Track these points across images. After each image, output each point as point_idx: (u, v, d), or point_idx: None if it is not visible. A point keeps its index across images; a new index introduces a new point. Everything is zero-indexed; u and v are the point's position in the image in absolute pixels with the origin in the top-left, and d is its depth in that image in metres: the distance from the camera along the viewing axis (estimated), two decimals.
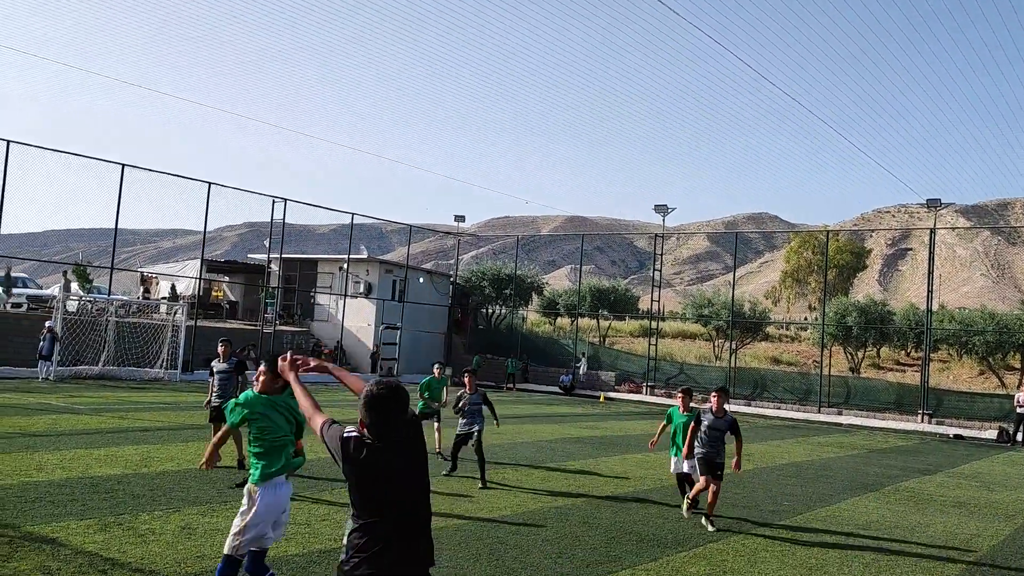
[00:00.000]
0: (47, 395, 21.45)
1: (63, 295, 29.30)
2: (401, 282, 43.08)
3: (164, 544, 7.96)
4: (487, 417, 14.01)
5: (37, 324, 27.89)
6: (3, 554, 7.20)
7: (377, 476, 3.51)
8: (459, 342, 46.65)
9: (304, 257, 47.37)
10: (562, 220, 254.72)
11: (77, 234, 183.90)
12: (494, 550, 8.66)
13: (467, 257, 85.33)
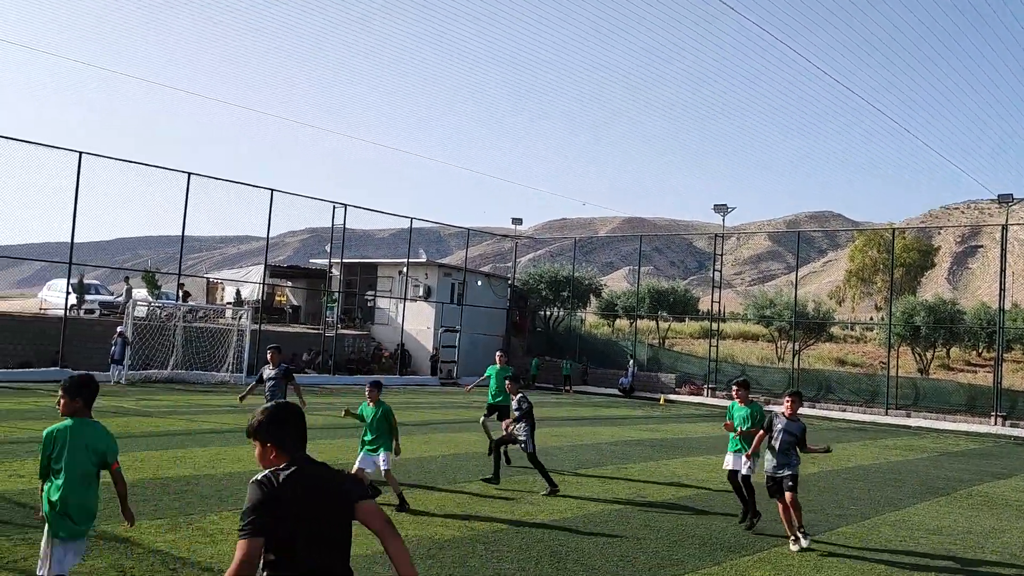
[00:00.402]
0: (119, 398, 22.11)
1: (131, 300, 30.17)
2: (460, 285, 43.33)
3: (232, 544, 8.13)
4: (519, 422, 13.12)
5: (109, 329, 28.78)
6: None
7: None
8: (518, 344, 46.72)
9: (364, 261, 47.97)
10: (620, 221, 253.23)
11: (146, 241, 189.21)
12: (555, 553, 8.66)
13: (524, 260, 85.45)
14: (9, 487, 9.99)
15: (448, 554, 8.30)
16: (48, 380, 25.52)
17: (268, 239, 36.72)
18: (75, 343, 28.62)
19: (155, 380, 28.25)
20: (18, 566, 6.98)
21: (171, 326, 30.27)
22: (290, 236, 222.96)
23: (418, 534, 9.04)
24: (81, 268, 34.97)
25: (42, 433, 5.47)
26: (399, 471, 12.88)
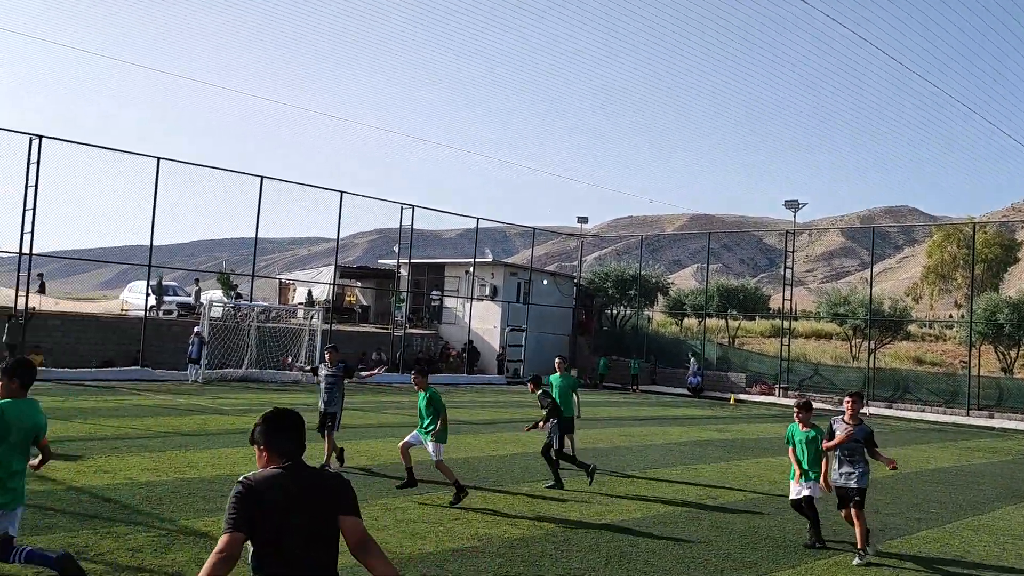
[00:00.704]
0: (196, 397, 22.77)
1: (208, 302, 31.03)
2: (525, 284, 43.39)
3: None
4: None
5: (186, 329, 29.66)
6: (162, 546, 7.69)
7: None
8: (584, 343, 46.57)
9: (431, 261, 48.42)
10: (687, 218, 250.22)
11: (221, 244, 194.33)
12: (624, 554, 8.60)
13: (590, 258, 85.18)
14: (95, 482, 10.37)
15: (518, 553, 8.32)
16: (130, 379, 26.42)
17: (338, 240, 37.36)
18: (154, 343, 29.57)
19: (230, 379, 28.98)
20: (104, 558, 7.23)
21: (245, 326, 31.02)
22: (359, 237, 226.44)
23: (488, 532, 9.09)
24: (160, 270, 36.09)
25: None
26: (466, 467, 12.97)
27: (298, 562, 3.37)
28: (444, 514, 9.88)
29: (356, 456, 13.85)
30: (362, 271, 50.93)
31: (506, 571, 7.68)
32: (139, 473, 11.12)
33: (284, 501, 3.36)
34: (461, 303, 42.01)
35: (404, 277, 41.87)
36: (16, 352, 25.41)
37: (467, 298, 41.24)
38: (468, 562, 7.88)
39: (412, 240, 39.28)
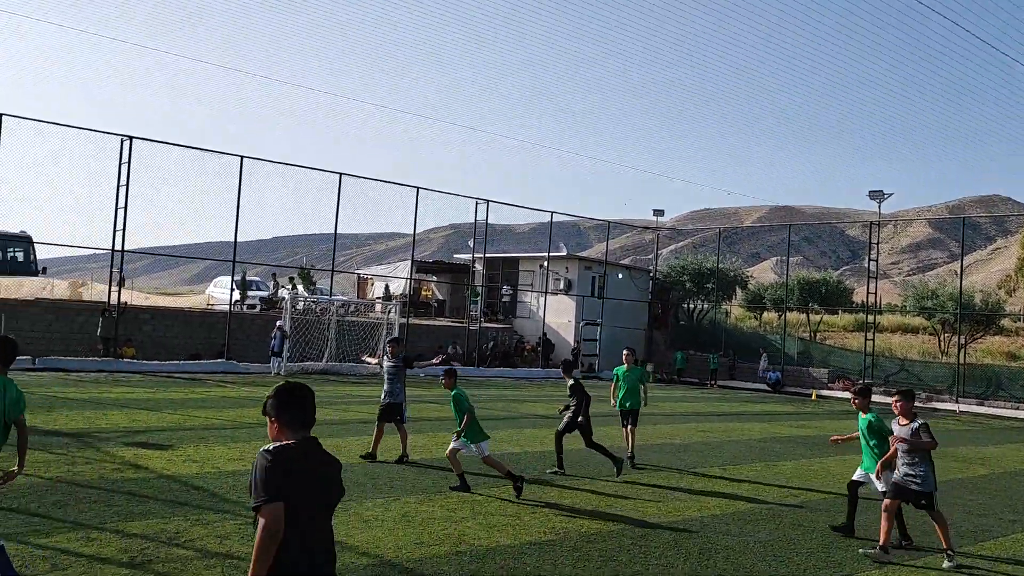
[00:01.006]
0: None
1: (289, 296, 31.78)
2: (600, 278, 43.18)
3: (386, 530, 8.44)
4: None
5: (269, 323, 30.45)
6: (248, 534, 7.90)
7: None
8: (660, 338, 46.12)
9: (506, 256, 48.58)
10: (766, 210, 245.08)
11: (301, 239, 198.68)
12: (704, 551, 8.50)
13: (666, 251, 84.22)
14: (185, 471, 10.73)
15: (595, 548, 8.29)
16: (215, 372, 27.25)
17: (415, 235, 37.79)
18: (238, 336, 30.44)
19: (311, 372, 29.62)
20: (195, 544, 7.47)
21: (325, 320, 31.67)
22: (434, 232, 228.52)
23: (565, 527, 9.08)
24: (243, 266, 37.09)
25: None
26: (543, 460, 12.99)
27: (309, 530, 3.52)
28: (521, 507, 9.91)
29: (436, 449, 14.01)
30: (437, 266, 51.43)
31: (583, 565, 7.67)
32: (225, 463, 11.47)
33: (302, 473, 3.53)
34: (535, 297, 42.04)
35: (479, 272, 42.11)
36: (110, 344, 26.51)
37: (541, 292, 41.26)
38: (545, 555, 7.89)
39: (486, 235, 39.47)
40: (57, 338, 26.84)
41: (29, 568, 6.49)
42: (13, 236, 32.11)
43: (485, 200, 38.45)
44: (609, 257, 46.37)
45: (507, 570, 7.35)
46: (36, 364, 24.36)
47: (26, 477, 9.67)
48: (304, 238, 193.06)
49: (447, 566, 7.33)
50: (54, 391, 18.74)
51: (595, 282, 43.12)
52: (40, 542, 7.18)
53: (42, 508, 8.33)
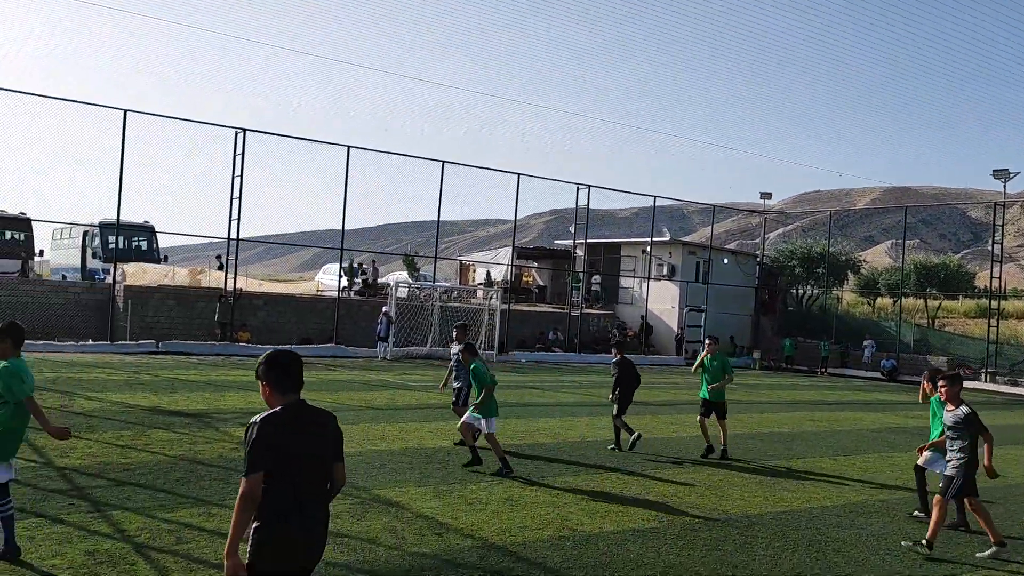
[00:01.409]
0: (385, 373, 23.91)
1: (395, 283, 32.49)
2: (705, 263, 42.41)
3: (490, 513, 8.55)
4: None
5: (375, 309, 31.19)
6: (358, 513, 8.16)
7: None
8: (767, 324, 45.00)
9: (607, 241, 48.27)
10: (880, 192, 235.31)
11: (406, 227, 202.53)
12: (813, 542, 8.28)
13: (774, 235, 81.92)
14: None
15: (699, 537, 8.19)
16: (325, 356, 28.12)
17: (515, 221, 37.96)
18: (346, 321, 31.31)
19: (415, 356, 30.21)
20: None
21: (429, 306, 32.22)
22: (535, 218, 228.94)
23: (669, 515, 9.00)
24: (351, 253, 38.07)
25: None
26: (646, 447, 12.90)
27: (299, 482, 3.89)
28: (625, 495, 9.87)
29: (536, 434, 14.10)
30: (538, 252, 51.54)
31: (687, 554, 7.59)
32: None
33: (288, 435, 3.90)
34: (638, 283, 41.64)
35: (580, 257, 41.98)
36: (227, 329, 27.69)
37: (644, 278, 40.83)
38: (648, 543, 7.84)
39: (588, 220, 39.28)
40: (178, 323, 28.21)
41: (156, 541, 6.87)
42: (137, 226, 33.89)
43: (587, 185, 38.29)
44: (714, 242, 45.50)
45: (610, 556, 7.34)
46: (159, 347, 25.69)
47: (151, 455, 10.24)
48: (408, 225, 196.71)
49: (550, 551, 7.38)
50: (176, 373, 19.72)
51: (699, 267, 42.39)
52: (165, 516, 7.58)
53: (167, 484, 8.79)
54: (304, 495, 3.91)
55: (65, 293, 27.98)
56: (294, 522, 3.84)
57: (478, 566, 6.84)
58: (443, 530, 7.79)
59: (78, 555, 6.33)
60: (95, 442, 10.78)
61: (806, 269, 45.50)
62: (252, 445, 3.81)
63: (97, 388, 16.14)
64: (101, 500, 7.98)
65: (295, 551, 3.85)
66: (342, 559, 6.74)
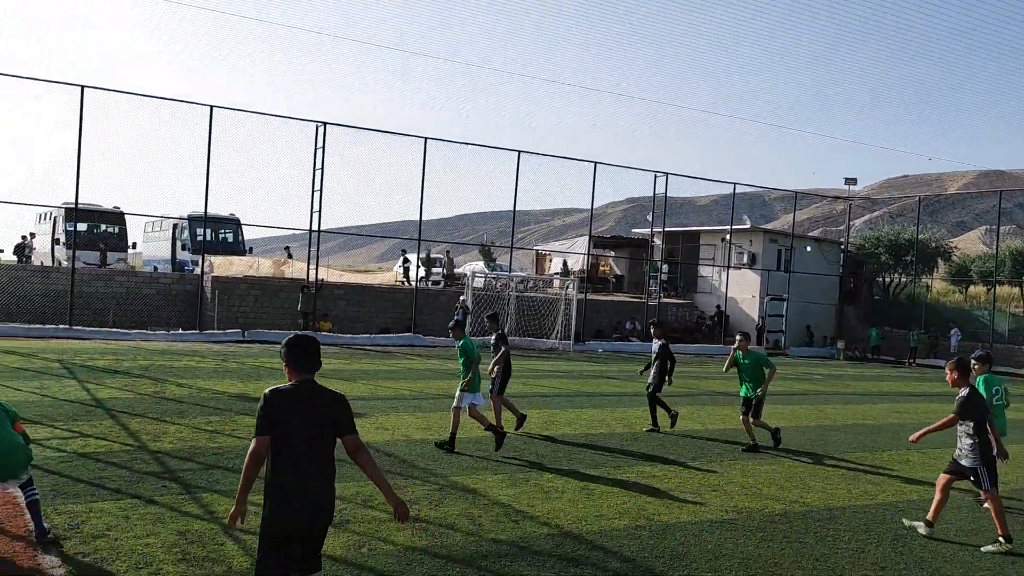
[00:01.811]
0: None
1: (471, 272, 32.76)
2: (787, 251, 41.48)
3: (567, 501, 8.58)
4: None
5: (452, 299, 31.50)
6: (436, 499, 8.29)
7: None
8: (852, 313, 43.78)
9: (686, 229, 47.64)
10: (973, 175, 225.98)
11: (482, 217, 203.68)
12: (898, 536, 8.06)
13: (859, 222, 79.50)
14: (377, 438, 11.36)
15: (779, 529, 8.06)
16: (403, 345, 28.55)
17: (592, 210, 37.81)
18: (424, 311, 31.72)
19: (491, 346, 30.38)
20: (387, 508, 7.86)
21: (505, 296, 32.37)
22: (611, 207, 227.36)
23: (747, 507, 8.88)
24: (428, 244, 38.51)
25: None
26: (728, 436, 12.72)
27: (300, 452, 4.39)
28: (703, 486, 9.78)
29: (613, 424, 14.07)
30: (615, 240, 51.21)
31: (766, 546, 7.47)
32: (413, 431, 12.03)
33: (292, 408, 4.42)
34: (717, 272, 41.00)
35: (658, 246, 41.56)
36: (309, 319, 28.35)
37: (723, 267, 40.18)
38: (726, 534, 7.75)
39: (665, 208, 38.84)
40: (263, 313, 29.03)
41: (249, 524, 7.10)
42: (224, 219, 34.97)
43: (664, 173, 37.82)
44: (797, 229, 44.45)
45: (687, 547, 7.28)
46: (245, 336, 26.49)
47: (238, 440, 10.58)
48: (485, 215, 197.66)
49: (626, 540, 7.36)
50: (260, 361, 20.31)
51: (781, 255, 41.47)
52: (251, 499, 7.80)
53: None
54: (306, 464, 4.40)
55: (156, 284, 29.08)
56: (294, 487, 4.37)
57: (554, 553, 6.87)
58: (519, 517, 7.86)
59: (170, 535, 6.61)
60: (185, 427, 11.20)
61: (893, 256, 44.10)
62: (260, 412, 4.38)
63: (187, 375, 16.74)
64: (191, 483, 8.30)
65: (296, 513, 4.38)
66: (420, 544, 6.86)
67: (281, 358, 4.59)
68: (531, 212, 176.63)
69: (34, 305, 25.96)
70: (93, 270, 28.54)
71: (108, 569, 5.86)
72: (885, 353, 38.76)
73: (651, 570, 6.66)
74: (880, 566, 7.14)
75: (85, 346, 21.44)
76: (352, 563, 6.31)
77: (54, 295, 26.38)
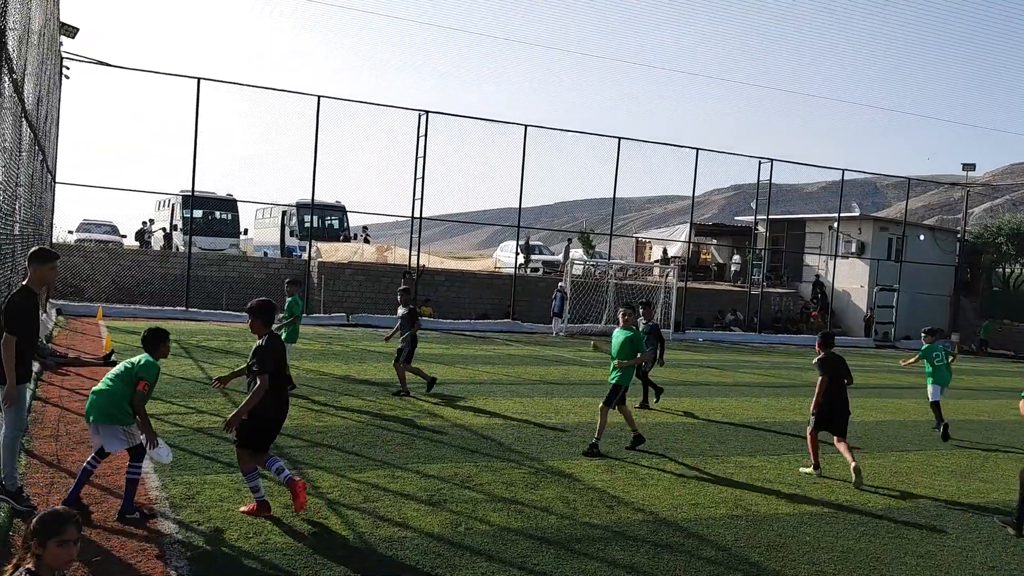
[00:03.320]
0: (559, 348, 24.24)
1: (570, 260, 32.75)
2: (898, 240, 39.87)
3: (662, 489, 8.57)
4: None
5: (551, 286, 31.62)
6: (532, 482, 8.41)
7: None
8: (968, 306, 41.78)
9: (791, 217, 46.33)
10: None
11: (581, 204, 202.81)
12: (1009, 537, 7.74)
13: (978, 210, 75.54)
14: (475, 421, 11.56)
15: (884, 524, 7.85)
16: (502, 331, 28.84)
17: (693, 198, 37.22)
18: (523, 298, 31.94)
19: (590, 333, 30.37)
20: (484, 489, 8.06)
21: (604, 283, 32.26)
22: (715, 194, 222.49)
23: (849, 500, 8.67)
24: (527, 231, 38.69)
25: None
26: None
27: (283, 390, 7.01)
28: (802, 478, 9.60)
29: (711, 412, 13.90)
30: (717, 228, 50.24)
31: (868, 540, 7.30)
32: (511, 415, 12.19)
33: (281, 351, 6.93)
34: (824, 261, 39.78)
35: (762, 234, 40.58)
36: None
37: (831, 255, 38.94)
38: (826, 526, 7.61)
39: (770, 195, 37.89)
40: (367, 297, 29.80)
41: (346, 499, 7.40)
42: (330, 206, 35.99)
43: (769, 159, 36.86)
44: (910, 217, 42.67)
45: (785, 538, 7.19)
46: (349, 320, 27.27)
47: (342, 419, 10.97)
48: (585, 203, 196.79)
49: (722, 529, 7.32)
50: (364, 344, 20.89)
51: (892, 244, 39.91)
52: (354, 476, 8.13)
53: (356, 447, 9.41)
54: (284, 394, 7.05)
55: (266, 268, 30.21)
56: (279, 400, 6.92)
57: (648, 539, 6.89)
58: (614, 503, 7.90)
59: (278, 507, 6.93)
60: (293, 406, 11.60)
61: (1016, 246, 41.79)
62: (269, 354, 6.72)
63: (294, 357, 17.29)
64: (298, 459, 8.66)
65: (277, 416, 6.94)
66: (515, 525, 6.99)
67: (252, 314, 6.86)
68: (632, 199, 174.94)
69: (153, 288, 27.40)
70: (208, 255, 29.86)
71: (222, 537, 6.20)
72: (1004, 347, 36.88)
73: (747, 560, 6.61)
74: (990, 566, 6.89)
75: (201, 327, 22.48)
76: (449, 541, 6.49)
77: (171, 279, 27.77)
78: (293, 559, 5.88)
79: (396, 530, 6.63)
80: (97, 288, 26.75)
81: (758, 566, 6.48)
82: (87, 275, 26.90)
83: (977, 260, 42.87)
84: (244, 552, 5.95)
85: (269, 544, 6.14)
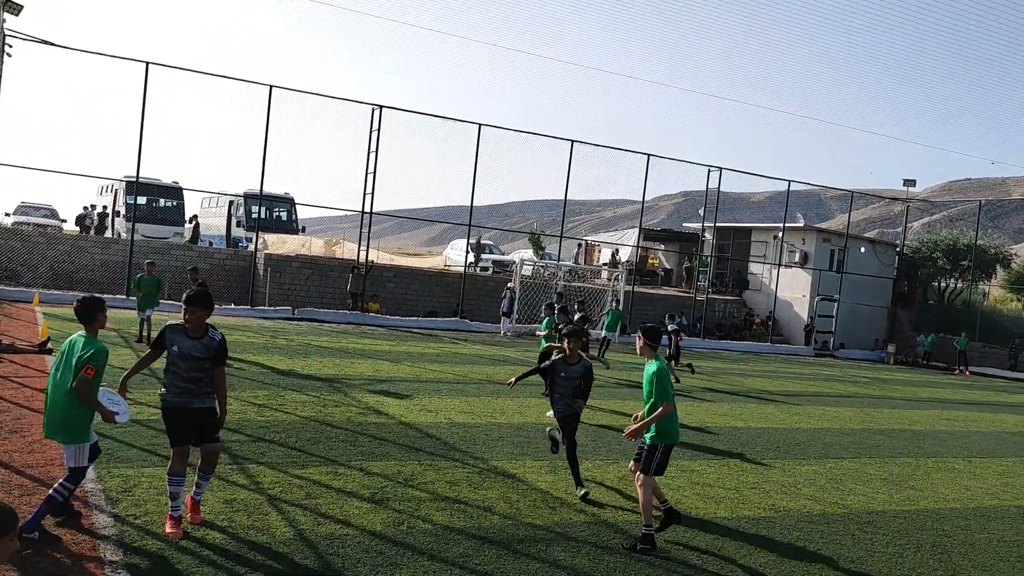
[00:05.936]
0: (507, 348, 24.30)
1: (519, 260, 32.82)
2: (840, 252, 40.81)
3: (603, 491, 8.66)
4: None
5: (500, 285, 31.65)
6: (476, 482, 8.43)
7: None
8: (905, 317, 42.95)
9: (738, 225, 47.10)
10: None
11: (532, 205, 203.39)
12: (937, 543, 8.00)
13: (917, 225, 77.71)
14: (420, 419, 11.53)
15: (817, 530, 8.04)
16: (449, 329, 28.79)
17: (643, 203, 37.57)
18: (472, 297, 31.92)
19: (537, 334, 30.44)
20: (428, 487, 8.06)
21: (553, 284, 32.41)
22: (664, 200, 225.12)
23: (786, 506, 8.85)
24: (478, 230, 38.67)
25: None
26: (765, 437, 12.62)
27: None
28: (741, 483, 9.77)
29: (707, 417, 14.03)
30: (666, 234, 50.85)
31: (803, 545, 7.48)
32: (456, 415, 12.19)
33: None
34: (768, 270, 40.52)
35: (708, 241, 41.18)
36: (358, 299, 28.71)
37: (775, 264, 39.69)
38: (762, 530, 7.77)
39: (718, 203, 38.46)
40: (313, 291, 29.49)
41: (287, 495, 7.32)
42: (278, 197, 35.54)
43: (718, 167, 37.42)
44: (852, 229, 43.69)
45: (723, 541, 7.32)
46: (295, 314, 26.95)
47: (285, 414, 10.85)
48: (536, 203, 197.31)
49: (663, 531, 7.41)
50: (309, 339, 20.68)
51: (834, 255, 40.81)
52: (296, 472, 8.06)
53: (298, 443, 9.32)
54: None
55: (211, 258, 29.70)
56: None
57: (590, 541, 6.97)
58: (557, 504, 7.96)
59: (217, 503, 6.84)
60: (235, 400, 11.48)
61: (950, 261, 43.10)
62: (225, 345, 6.68)
63: (237, 350, 17.11)
64: (239, 454, 8.55)
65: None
66: (458, 524, 7.00)
67: (191, 303, 6.43)
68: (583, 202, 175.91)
69: (93, 275, 26.74)
70: (151, 243, 29.23)
71: (157, 531, 6.09)
72: (937, 359, 37.98)
73: (685, 562, 6.72)
74: (917, 572, 7.10)
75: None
76: (391, 539, 6.47)
77: (112, 266, 27.13)
78: (231, 554, 5.81)
79: (338, 527, 6.59)
80: (34, 273, 26.04)
81: (697, 568, 6.59)
82: (24, 259, 26.16)
83: (914, 273, 44.09)
84: (180, 547, 5.86)
85: (206, 539, 6.05)
